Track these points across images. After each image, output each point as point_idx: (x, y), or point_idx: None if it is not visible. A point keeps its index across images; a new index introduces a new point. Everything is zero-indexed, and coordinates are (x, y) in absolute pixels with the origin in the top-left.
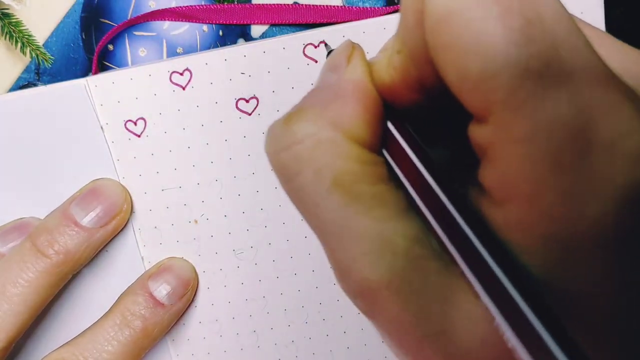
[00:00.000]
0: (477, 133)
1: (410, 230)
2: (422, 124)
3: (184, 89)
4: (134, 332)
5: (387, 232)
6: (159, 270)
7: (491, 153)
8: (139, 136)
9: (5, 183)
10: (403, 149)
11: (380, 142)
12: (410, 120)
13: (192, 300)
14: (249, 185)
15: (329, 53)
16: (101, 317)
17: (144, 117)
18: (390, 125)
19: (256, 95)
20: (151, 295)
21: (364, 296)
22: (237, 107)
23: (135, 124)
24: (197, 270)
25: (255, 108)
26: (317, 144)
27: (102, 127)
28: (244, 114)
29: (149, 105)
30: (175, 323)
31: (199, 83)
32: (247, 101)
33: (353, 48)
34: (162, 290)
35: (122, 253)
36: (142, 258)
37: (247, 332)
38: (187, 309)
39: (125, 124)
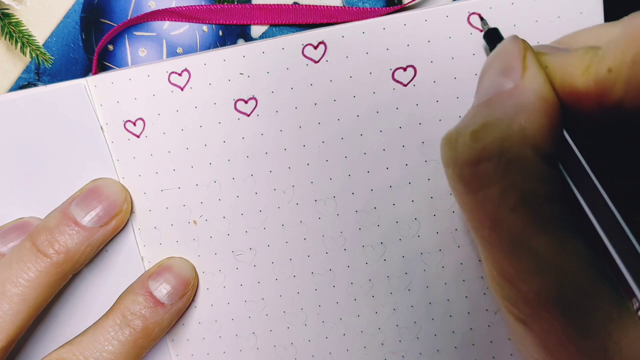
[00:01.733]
0: None
1: (585, 252)
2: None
3: (182, 89)
4: (135, 331)
5: (564, 252)
6: (159, 270)
7: None
8: (138, 136)
9: (5, 183)
10: (582, 166)
11: (559, 153)
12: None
13: (192, 301)
14: (247, 186)
15: (487, 31)
16: (101, 317)
17: (142, 117)
18: (567, 138)
19: (255, 96)
20: (151, 295)
21: (526, 306)
22: (235, 108)
23: (134, 124)
24: (197, 271)
25: (254, 109)
26: (508, 163)
27: (102, 127)
28: (243, 115)
29: (148, 105)
30: (175, 323)
31: (198, 84)
32: (246, 102)
33: (525, 48)
34: (162, 289)
35: (122, 253)
36: (142, 258)
37: (246, 334)
38: (186, 309)
39: (124, 125)
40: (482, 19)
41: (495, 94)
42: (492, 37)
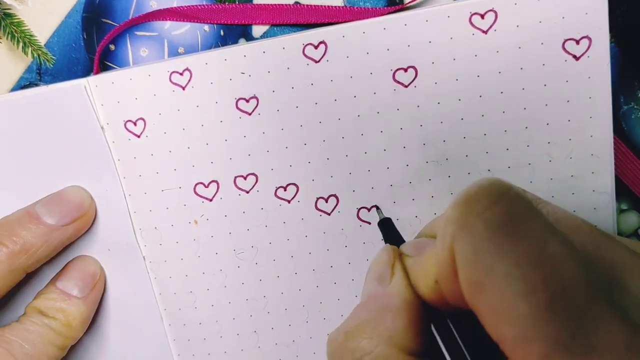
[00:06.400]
0: None
1: None
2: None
3: (183, 89)
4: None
5: None
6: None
7: None
8: (138, 136)
9: (5, 183)
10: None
11: (428, 344)
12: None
13: (192, 302)
14: (249, 184)
15: (381, 221)
16: None
17: (143, 117)
18: (434, 330)
19: (256, 95)
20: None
21: None
22: (237, 107)
23: (135, 124)
24: (197, 272)
25: (255, 108)
26: None
27: (102, 127)
28: (244, 114)
29: (149, 105)
30: (176, 324)
31: (199, 83)
32: (247, 101)
33: (394, 256)
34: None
35: (123, 253)
36: (144, 258)
37: (247, 333)
38: (187, 310)
39: (125, 124)
40: (377, 208)
41: (369, 297)
42: (385, 226)
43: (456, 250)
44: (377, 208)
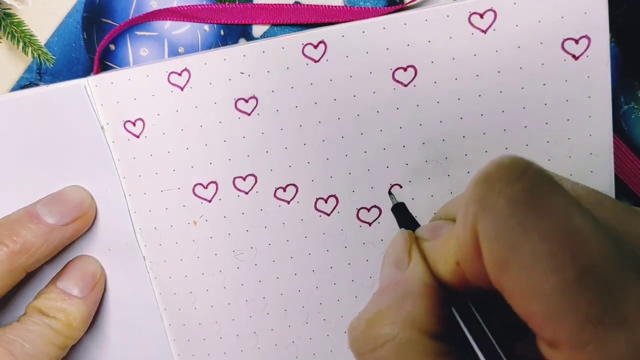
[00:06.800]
0: (546, 353)
1: None
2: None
3: (182, 89)
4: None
5: None
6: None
7: None
8: (137, 137)
9: (5, 182)
10: (467, 339)
11: (448, 326)
12: (471, 294)
13: (192, 302)
14: (248, 185)
15: (395, 206)
16: None
17: (142, 118)
18: (454, 312)
19: (255, 95)
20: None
21: None
22: (236, 107)
23: (134, 124)
24: (197, 273)
25: (254, 108)
26: (398, 347)
27: (102, 127)
28: (243, 114)
29: (147, 106)
30: (176, 324)
31: (198, 83)
32: (247, 101)
33: (410, 241)
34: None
35: (124, 252)
36: (144, 257)
37: (247, 334)
38: (187, 310)
39: (124, 125)
40: (390, 193)
41: (388, 283)
42: (399, 210)
43: (479, 229)
44: (390, 193)
